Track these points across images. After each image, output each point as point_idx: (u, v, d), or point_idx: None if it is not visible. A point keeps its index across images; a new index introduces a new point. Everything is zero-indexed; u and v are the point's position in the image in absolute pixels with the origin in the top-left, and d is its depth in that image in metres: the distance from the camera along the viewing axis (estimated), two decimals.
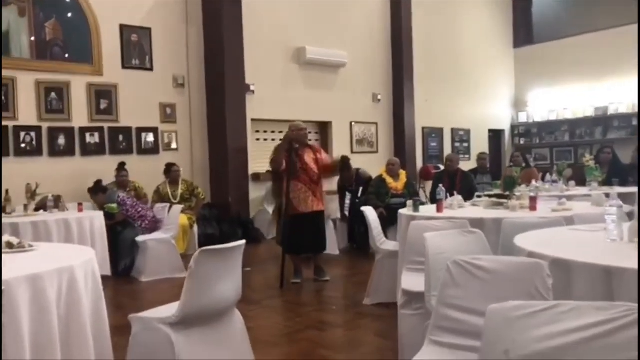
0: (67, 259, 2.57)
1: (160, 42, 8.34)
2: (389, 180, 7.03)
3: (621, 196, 5.61)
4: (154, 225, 6.47)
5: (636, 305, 1.34)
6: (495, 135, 13.51)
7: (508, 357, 1.36)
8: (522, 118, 13.50)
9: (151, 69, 8.29)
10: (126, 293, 5.51)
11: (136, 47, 8.18)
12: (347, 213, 7.55)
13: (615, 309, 1.34)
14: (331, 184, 7.64)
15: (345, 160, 7.92)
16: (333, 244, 6.92)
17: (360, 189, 7.54)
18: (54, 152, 7.41)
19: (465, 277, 2.13)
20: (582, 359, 1.32)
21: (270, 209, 8.42)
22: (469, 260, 2.15)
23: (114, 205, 6.21)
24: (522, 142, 13.36)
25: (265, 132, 9.48)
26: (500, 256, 2.50)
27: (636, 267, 1.90)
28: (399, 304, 3.33)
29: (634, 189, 5.40)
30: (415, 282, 3.21)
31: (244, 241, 2.95)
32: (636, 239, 2.35)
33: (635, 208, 3.09)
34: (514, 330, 1.38)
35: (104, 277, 5.48)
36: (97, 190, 6.67)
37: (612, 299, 1.93)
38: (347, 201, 7.62)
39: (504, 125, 13.63)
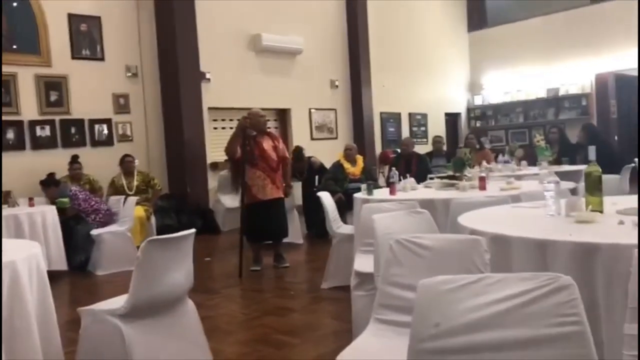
0: (9, 254, 2.50)
1: (111, 31, 8.15)
2: (347, 165, 7.07)
3: (569, 174, 5.81)
4: (109, 218, 6.37)
5: (556, 274, 1.39)
6: (451, 119, 13.72)
7: (438, 330, 1.40)
8: (478, 101, 13.75)
9: (102, 59, 8.09)
10: (82, 287, 5.43)
11: (86, 36, 7.97)
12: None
13: (538, 279, 1.39)
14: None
15: (298, 150, 7.98)
16: (297, 233, 6.92)
17: (316, 177, 7.56)
18: (3, 146, 7.18)
19: (408, 255, 2.17)
20: (509, 327, 1.37)
21: (225, 200, 8.35)
22: (410, 238, 2.20)
23: (65, 200, 6.08)
24: (478, 125, 13.61)
25: (223, 120, 9.40)
26: (441, 234, 2.56)
27: (566, 238, 1.98)
28: (351, 285, 3.38)
29: (582, 167, 5.58)
30: (366, 264, 3.26)
31: (193, 230, 2.93)
32: (573, 213, 2.44)
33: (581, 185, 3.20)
34: (443, 304, 1.43)
35: (59, 272, 5.46)
36: (49, 184, 6.52)
37: (547, 270, 2.00)
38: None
39: (460, 108, 13.86)
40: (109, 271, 5.77)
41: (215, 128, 9.26)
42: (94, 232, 6.07)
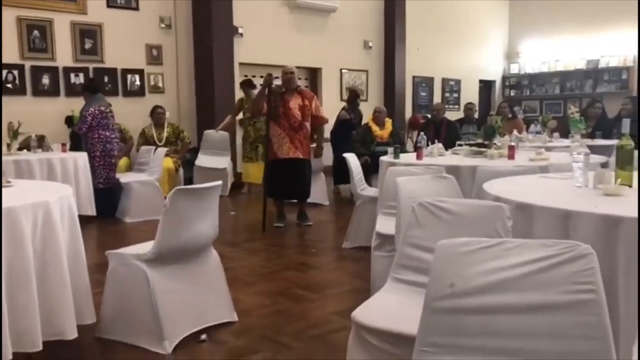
0: (43, 195, 2.60)
1: None
2: (375, 128, 7.03)
3: (602, 148, 5.70)
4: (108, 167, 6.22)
5: (576, 242, 1.39)
6: (485, 86, 13.45)
7: (453, 290, 1.42)
8: (514, 69, 13.43)
9: (137, 9, 8.10)
10: (110, 233, 5.59)
11: None
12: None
13: (557, 246, 1.39)
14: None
15: (356, 92, 8.12)
16: (322, 194, 6.94)
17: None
18: (38, 91, 7.32)
19: (429, 218, 2.19)
20: (524, 291, 1.38)
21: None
22: (433, 202, 2.21)
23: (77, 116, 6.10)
24: (512, 94, 13.33)
25: (253, 76, 9.36)
26: (464, 199, 2.56)
27: (590, 210, 1.97)
28: (372, 246, 3.42)
29: (616, 141, 5.46)
30: (388, 225, 3.29)
31: (219, 182, 2.99)
32: (600, 186, 2.41)
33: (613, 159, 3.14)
34: (460, 265, 1.44)
35: (88, 217, 5.60)
36: (87, 87, 6.53)
37: (568, 239, 2.00)
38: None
39: (495, 76, 13.56)
40: (137, 219, 5.92)
41: None
42: (123, 180, 6.20)
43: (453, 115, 9.56)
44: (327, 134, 8.37)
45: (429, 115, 10.82)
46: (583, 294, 1.34)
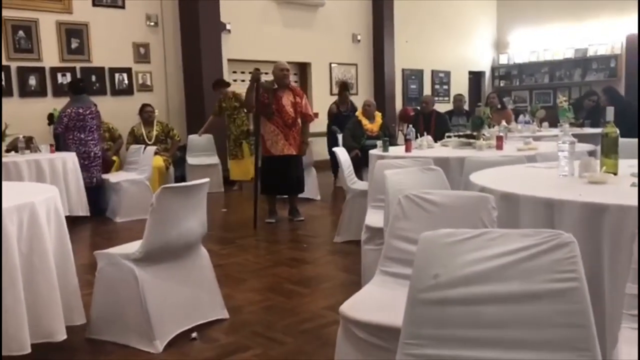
0: (28, 196, 2.58)
1: None
2: (365, 121, 7.02)
3: (592, 137, 5.72)
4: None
5: (558, 231, 1.40)
6: (475, 77, 13.47)
7: (437, 281, 1.42)
8: (503, 60, 13.45)
9: (123, 7, 8.05)
10: (101, 233, 5.57)
11: None
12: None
13: (539, 235, 1.39)
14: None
15: (345, 84, 7.98)
16: (314, 189, 6.94)
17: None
18: (25, 92, 7.26)
19: (415, 210, 2.19)
20: (507, 281, 1.39)
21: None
22: (419, 194, 2.21)
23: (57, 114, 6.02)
24: (502, 84, 13.35)
25: (242, 72, 9.35)
26: (449, 190, 2.56)
27: (574, 198, 1.98)
28: (362, 239, 3.43)
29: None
30: (378, 219, 3.30)
31: (207, 179, 2.98)
32: (586, 174, 2.42)
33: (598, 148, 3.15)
34: (444, 256, 1.44)
35: (80, 218, 5.57)
36: (70, 87, 6.53)
37: (553, 228, 2.00)
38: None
39: (485, 67, 13.58)
40: (127, 218, 5.89)
41: (234, 80, 9.23)
42: (113, 179, 6.17)
43: (443, 107, 9.59)
44: (320, 129, 8.42)
45: (419, 108, 10.87)
46: (565, 283, 1.34)
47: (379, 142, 4.75)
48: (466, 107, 8.97)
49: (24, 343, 2.33)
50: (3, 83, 7.08)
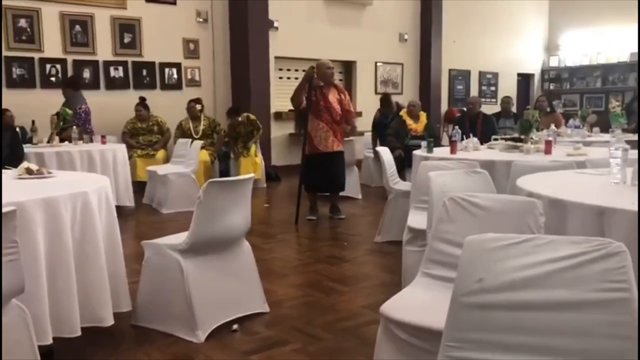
0: (82, 185, 2.68)
1: None
2: (409, 121, 6.98)
3: None
4: None
5: (609, 240, 1.37)
6: (524, 79, 13.19)
7: (481, 285, 1.41)
8: (554, 62, 13.12)
9: (174, 3, 8.24)
10: (147, 223, 5.72)
11: None
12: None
13: (589, 243, 1.37)
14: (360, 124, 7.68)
15: (386, 96, 7.98)
16: (355, 188, 6.94)
17: None
18: (80, 84, 7.51)
19: (460, 213, 2.17)
20: (554, 288, 1.37)
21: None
22: (464, 196, 2.19)
23: (70, 112, 6.06)
24: (551, 87, 13.03)
25: (288, 70, 9.43)
26: (496, 194, 2.52)
27: (626, 207, 1.93)
28: (404, 240, 3.42)
29: None
30: (420, 220, 3.28)
31: (252, 175, 3.03)
32: (636, 182, 2.35)
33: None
34: (490, 260, 1.43)
35: (127, 208, 5.74)
36: (70, 83, 6.72)
37: (603, 237, 1.96)
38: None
39: (535, 69, 13.28)
40: (173, 210, 6.02)
41: (280, 78, 9.32)
42: (161, 171, 6.33)
43: (490, 108, 9.43)
44: (363, 128, 8.41)
45: (465, 109, 10.72)
46: (614, 293, 1.31)
47: (423, 143, 4.72)
48: (514, 109, 8.79)
49: (74, 326, 2.43)
50: (59, 75, 7.35)
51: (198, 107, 7.64)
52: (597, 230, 1.99)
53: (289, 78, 9.34)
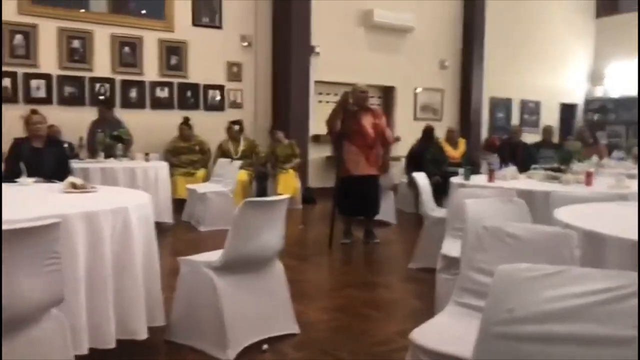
0: (123, 201, 2.77)
1: (230, 1, 8.49)
2: (448, 148, 6.95)
3: None
4: None
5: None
6: (567, 109, 12.95)
7: (511, 316, 1.40)
8: (599, 93, 12.87)
9: (220, 27, 8.47)
10: (185, 240, 5.82)
11: (207, 5, 8.37)
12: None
13: (624, 278, 1.34)
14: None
15: (431, 129, 7.85)
16: (390, 213, 6.89)
17: None
18: (126, 104, 7.79)
19: (494, 242, 2.15)
20: (586, 322, 1.35)
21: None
22: (499, 226, 2.17)
23: (126, 130, 6.30)
24: (596, 118, 12.75)
25: (327, 94, 9.53)
26: (531, 224, 2.49)
27: None
28: (437, 268, 3.39)
29: None
30: (455, 248, 3.25)
31: (287, 196, 3.08)
32: None
33: None
34: (521, 291, 1.42)
35: (166, 225, 5.86)
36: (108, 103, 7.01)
37: None
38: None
39: (578, 99, 13.04)
40: (210, 228, 6.12)
41: (320, 101, 9.42)
42: (200, 190, 6.46)
43: (531, 138, 9.29)
44: (401, 152, 8.39)
45: (505, 137, 10.58)
46: None
47: (461, 170, 4.69)
48: (555, 139, 8.66)
49: (110, 338, 2.49)
50: (107, 94, 7.62)
51: (236, 127, 7.79)
52: (634, 265, 1.94)
53: (328, 102, 9.42)
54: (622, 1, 12.76)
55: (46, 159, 4.45)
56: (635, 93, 12.16)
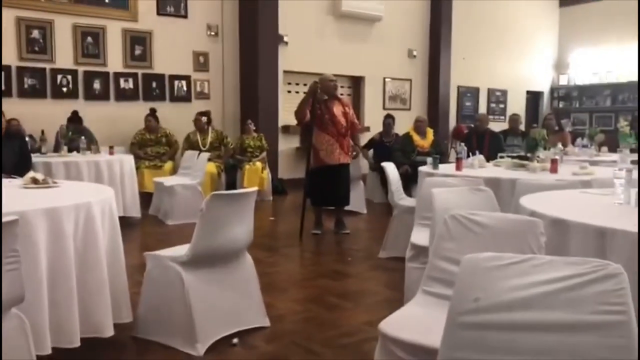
0: (85, 196, 2.70)
1: None
2: (416, 137, 6.99)
3: None
4: None
5: (607, 261, 1.36)
6: (533, 98, 13.18)
7: (477, 305, 1.40)
8: (563, 81, 13.11)
9: (185, 17, 8.32)
10: (152, 235, 5.73)
11: None
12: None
13: (586, 264, 1.36)
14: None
15: (392, 117, 8.02)
16: (361, 202, 6.92)
17: None
18: (90, 95, 7.60)
19: (461, 231, 2.17)
20: (550, 309, 1.36)
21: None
22: (466, 214, 2.18)
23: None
24: (560, 106, 13.00)
25: (297, 84, 9.48)
26: (498, 213, 2.51)
27: (628, 228, 1.91)
28: (406, 257, 3.40)
29: None
30: (424, 237, 3.27)
31: (255, 188, 3.04)
32: None
33: None
34: (486, 280, 1.43)
35: (133, 219, 5.76)
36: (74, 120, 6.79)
37: (604, 258, 1.94)
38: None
39: (543, 87, 13.27)
40: (179, 221, 6.03)
41: (289, 92, 9.37)
42: (167, 182, 6.36)
43: (498, 126, 9.42)
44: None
45: (473, 126, 10.70)
46: (612, 315, 1.30)
47: (429, 159, 4.72)
48: (522, 127, 8.77)
49: (74, 337, 2.43)
50: (70, 86, 7.44)
51: (204, 119, 7.68)
52: (598, 251, 1.97)
53: (297, 92, 9.38)
54: None
55: (5, 153, 4.31)
56: (597, 80, 12.44)
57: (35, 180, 3.00)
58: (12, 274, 1.91)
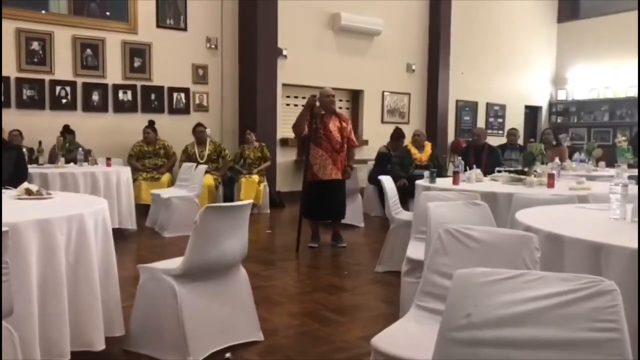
0: (79, 208, 2.68)
1: (195, 3, 8.39)
2: (414, 151, 6.99)
3: None
4: None
5: (600, 278, 1.34)
6: (531, 112, 13.21)
7: (469, 321, 1.39)
8: (561, 96, 13.15)
9: (185, 29, 8.36)
10: (148, 247, 5.70)
11: (171, 6, 8.25)
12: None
13: (579, 280, 1.34)
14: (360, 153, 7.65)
15: (398, 130, 7.93)
16: (358, 216, 6.90)
17: None
18: (88, 107, 7.61)
19: (456, 245, 2.15)
20: (543, 326, 1.34)
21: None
22: (460, 229, 2.17)
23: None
24: (559, 120, 13.03)
25: (295, 97, 9.50)
26: (492, 227, 2.50)
27: (623, 243, 1.89)
28: (402, 271, 3.38)
29: None
30: (420, 251, 3.25)
31: (250, 201, 3.03)
32: (636, 219, 2.32)
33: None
34: (478, 295, 1.41)
35: (129, 231, 5.72)
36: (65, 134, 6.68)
37: (599, 274, 1.93)
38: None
39: (542, 102, 13.31)
40: (174, 234, 6.00)
41: (287, 105, 9.38)
42: (164, 194, 6.34)
43: (497, 140, 9.42)
44: (368, 156, 8.41)
45: (471, 140, 10.71)
46: (605, 332, 1.28)
47: (426, 173, 4.71)
48: (520, 141, 8.78)
49: (64, 350, 2.40)
50: (69, 97, 7.44)
51: (208, 130, 7.68)
52: (594, 268, 1.96)
53: (296, 105, 9.39)
54: (582, 8, 13.07)
55: (2, 164, 4.30)
56: (595, 96, 12.48)
57: (29, 191, 2.99)
58: (1, 286, 1.88)
